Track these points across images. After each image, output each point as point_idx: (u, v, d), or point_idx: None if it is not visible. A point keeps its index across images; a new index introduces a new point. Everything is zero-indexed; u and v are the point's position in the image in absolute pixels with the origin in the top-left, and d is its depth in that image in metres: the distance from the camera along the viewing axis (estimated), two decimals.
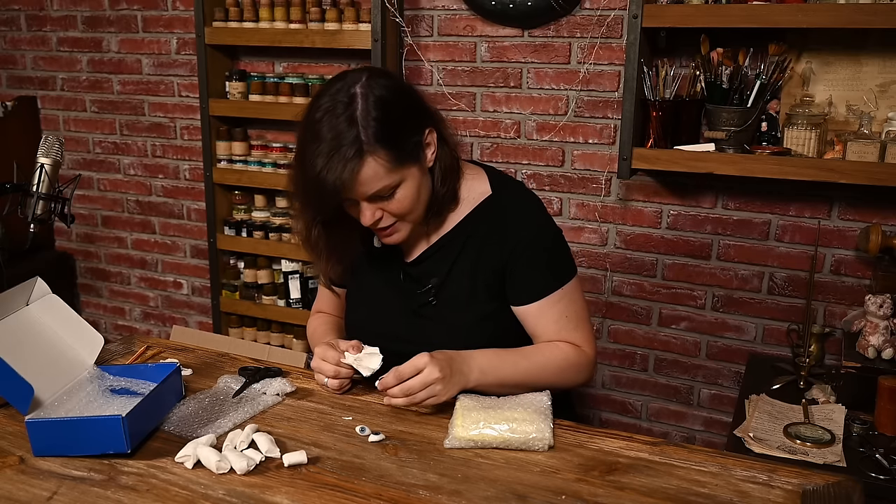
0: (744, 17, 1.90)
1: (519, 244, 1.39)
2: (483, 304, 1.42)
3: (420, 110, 1.33)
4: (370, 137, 1.23)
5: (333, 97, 1.25)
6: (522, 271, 1.40)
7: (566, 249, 1.47)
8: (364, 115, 1.23)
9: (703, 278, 2.37)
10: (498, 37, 2.44)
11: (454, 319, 1.42)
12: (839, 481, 1.12)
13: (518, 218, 1.41)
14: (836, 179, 1.91)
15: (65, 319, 1.42)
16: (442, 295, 1.42)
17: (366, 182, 1.25)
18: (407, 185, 1.29)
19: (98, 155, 3.21)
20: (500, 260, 1.40)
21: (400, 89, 1.31)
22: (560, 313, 1.42)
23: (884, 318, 1.92)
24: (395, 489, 1.10)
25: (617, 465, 1.17)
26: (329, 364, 1.36)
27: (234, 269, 2.92)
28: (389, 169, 1.25)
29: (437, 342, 1.36)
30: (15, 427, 1.26)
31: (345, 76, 1.29)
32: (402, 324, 1.44)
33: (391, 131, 1.25)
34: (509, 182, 1.48)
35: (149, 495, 1.09)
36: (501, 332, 1.44)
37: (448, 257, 1.42)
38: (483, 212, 1.42)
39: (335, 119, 1.23)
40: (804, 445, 1.72)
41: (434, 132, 1.34)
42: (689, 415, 2.49)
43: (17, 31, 3.21)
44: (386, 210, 1.31)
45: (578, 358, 1.43)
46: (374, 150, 1.23)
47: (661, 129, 2.11)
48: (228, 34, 2.63)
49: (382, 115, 1.24)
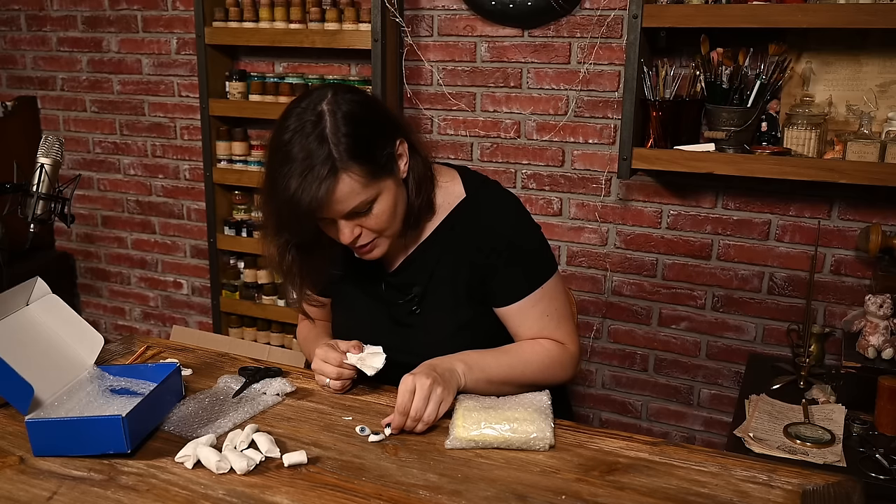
0: (744, 17, 1.90)
1: (497, 245, 1.38)
2: (465, 307, 1.41)
3: (389, 122, 1.32)
4: (342, 154, 1.21)
5: (300, 117, 1.22)
6: (501, 272, 1.39)
7: (545, 247, 1.46)
8: (334, 132, 1.21)
9: (703, 278, 2.37)
10: (498, 37, 2.44)
11: (438, 326, 1.41)
12: (839, 481, 1.12)
13: (494, 218, 1.40)
14: (836, 179, 1.91)
15: (65, 319, 1.42)
16: (425, 303, 1.41)
17: (342, 199, 1.23)
18: (383, 198, 1.28)
19: (98, 155, 3.21)
20: (478, 262, 1.39)
21: (366, 103, 1.29)
22: (541, 312, 1.42)
23: (884, 318, 1.92)
24: (395, 489, 1.10)
25: (617, 465, 1.17)
26: (331, 365, 1.36)
27: (234, 269, 2.92)
28: (364, 184, 1.24)
29: (421, 350, 1.35)
30: (15, 427, 1.26)
31: (310, 94, 1.27)
32: (386, 334, 1.42)
33: (363, 146, 1.23)
34: (484, 182, 1.46)
35: (149, 495, 1.09)
36: (485, 335, 1.43)
37: (428, 264, 1.41)
38: (458, 215, 1.41)
39: (305, 138, 1.20)
40: (804, 445, 1.72)
41: (405, 142, 1.32)
42: (689, 415, 2.49)
43: (17, 31, 3.21)
44: (364, 226, 1.29)
45: (561, 355, 1.42)
46: (348, 166, 1.21)
47: (661, 129, 2.11)
48: (228, 34, 2.63)
49: (352, 130, 1.22)
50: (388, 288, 1.45)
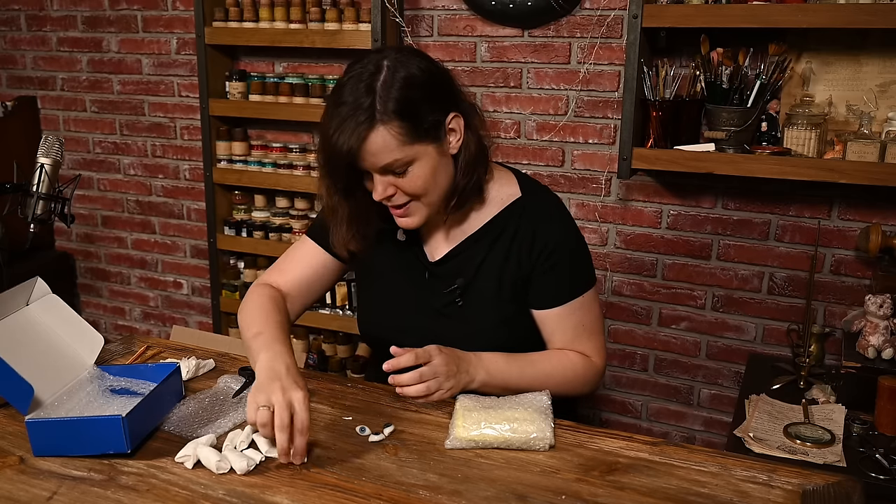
0: (744, 17, 1.90)
1: (547, 248, 1.39)
2: (506, 306, 1.42)
3: (448, 94, 1.32)
4: (385, 107, 1.23)
5: (364, 65, 1.26)
6: (547, 276, 1.40)
7: (589, 258, 1.48)
8: (384, 86, 1.23)
9: (703, 278, 2.37)
10: (498, 37, 2.44)
11: (477, 320, 1.42)
12: (839, 481, 1.12)
13: (547, 222, 1.41)
14: (836, 179, 1.91)
15: (65, 319, 1.42)
16: (467, 295, 1.42)
17: (375, 152, 1.24)
18: (421, 163, 1.28)
19: (98, 155, 3.21)
20: (527, 263, 1.40)
21: (430, 70, 1.30)
22: (578, 321, 1.43)
23: (884, 318, 1.92)
24: (395, 489, 1.10)
25: (617, 465, 1.17)
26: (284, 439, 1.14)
27: (234, 269, 2.92)
28: (402, 142, 1.25)
29: (458, 342, 1.37)
30: (15, 427, 1.26)
31: (382, 49, 1.31)
32: (424, 322, 1.43)
33: (408, 105, 1.24)
34: (539, 186, 1.49)
35: (149, 495, 1.09)
36: (520, 335, 1.44)
37: (475, 258, 1.42)
38: (511, 214, 1.42)
39: (358, 85, 1.24)
40: (804, 445, 1.72)
41: (461, 119, 1.33)
42: (689, 415, 2.49)
43: (17, 31, 3.20)
44: (399, 187, 1.30)
45: (586, 370, 1.44)
46: (387, 120, 1.23)
47: (661, 129, 2.11)
48: (228, 34, 2.63)
49: (403, 87, 1.24)
50: (431, 277, 1.45)
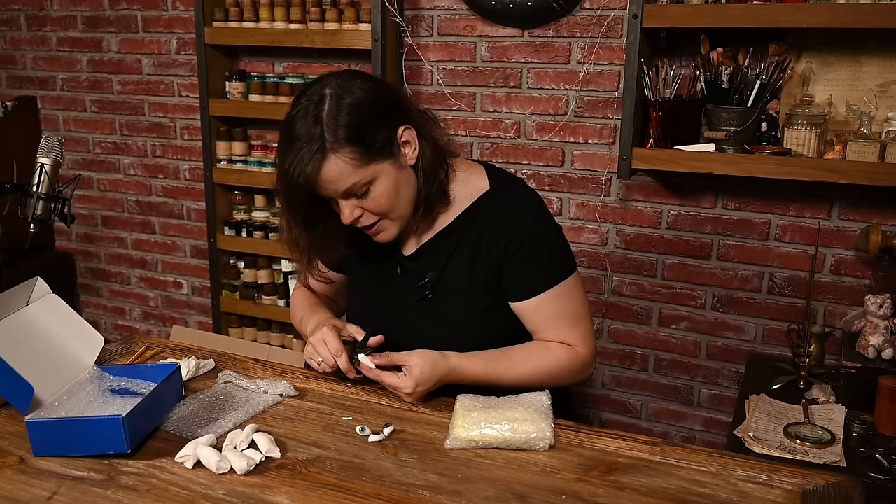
0: (744, 17, 1.90)
1: (515, 239, 1.39)
2: (480, 298, 1.42)
3: (394, 108, 1.34)
4: (335, 136, 1.26)
5: (308, 97, 1.30)
6: (519, 267, 1.40)
7: (565, 246, 1.47)
8: (329, 115, 1.27)
9: (703, 278, 2.37)
10: (498, 37, 2.44)
11: (451, 314, 1.43)
12: (839, 481, 1.12)
13: (516, 213, 1.41)
14: (836, 179, 1.91)
15: (65, 319, 1.42)
16: (439, 289, 1.43)
17: (333, 179, 1.28)
18: (382, 181, 1.31)
19: (98, 155, 3.21)
20: (497, 255, 1.41)
21: (372, 89, 1.32)
22: (557, 310, 1.42)
23: (884, 318, 1.92)
24: (395, 489, 1.10)
25: (617, 465, 1.17)
26: (328, 352, 1.38)
27: (234, 269, 2.92)
28: (356, 165, 1.28)
29: (434, 336, 1.38)
30: (15, 427, 1.26)
31: (322, 79, 1.33)
32: (398, 317, 1.45)
33: (356, 129, 1.27)
34: (509, 178, 1.48)
35: (149, 495, 1.09)
36: (499, 326, 1.44)
37: (445, 252, 1.43)
38: (480, 207, 1.42)
39: (305, 118, 1.28)
40: (804, 445, 1.72)
41: (412, 130, 1.35)
42: (689, 415, 2.49)
43: (17, 31, 3.21)
44: (365, 208, 1.33)
45: (571, 361, 1.43)
46: (338, 147, 1.26)
47: (661, 129, 2.11)
48: (228, 34, 2.63)
49: (348, 113, 1.27)
50: (403, 272, 1.47)
